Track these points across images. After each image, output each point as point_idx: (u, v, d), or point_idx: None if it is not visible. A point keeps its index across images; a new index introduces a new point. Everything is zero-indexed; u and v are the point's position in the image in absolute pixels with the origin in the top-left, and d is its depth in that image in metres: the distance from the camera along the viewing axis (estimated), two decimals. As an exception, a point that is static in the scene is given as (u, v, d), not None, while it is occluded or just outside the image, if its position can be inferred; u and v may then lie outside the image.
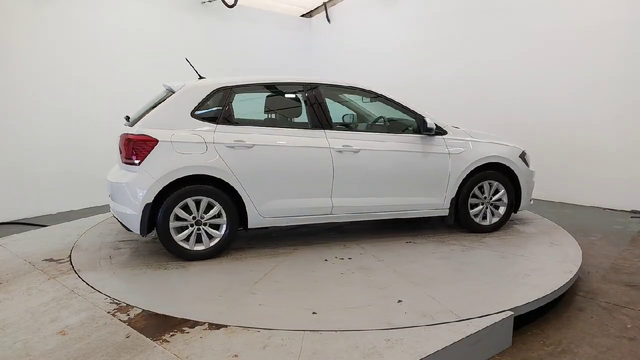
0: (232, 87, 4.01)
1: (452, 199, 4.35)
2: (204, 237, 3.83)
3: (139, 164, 3.71)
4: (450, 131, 4.38)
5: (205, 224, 3.83)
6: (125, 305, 3.05)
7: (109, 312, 2.95)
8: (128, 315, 2.91)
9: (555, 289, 3.20)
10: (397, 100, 4.33)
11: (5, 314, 2.99)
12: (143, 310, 2.97)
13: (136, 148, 3.72)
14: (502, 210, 4.52)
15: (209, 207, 3.82)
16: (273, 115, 4.36)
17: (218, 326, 2.75)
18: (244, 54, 8.16)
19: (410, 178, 4.26)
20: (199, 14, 7.62)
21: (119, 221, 4.01)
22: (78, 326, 2.79)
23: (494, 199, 4.47)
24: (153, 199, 3.67)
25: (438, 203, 4.34)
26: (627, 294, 3.58)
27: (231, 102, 3.98)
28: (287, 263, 3.81)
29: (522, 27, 6.67)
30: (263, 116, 4.31)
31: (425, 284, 3.32)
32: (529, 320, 3.11)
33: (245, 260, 3.90)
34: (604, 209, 6.14)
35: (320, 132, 4.06)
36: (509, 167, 4.44)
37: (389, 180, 4.21)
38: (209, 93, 3.94)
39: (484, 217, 4.49)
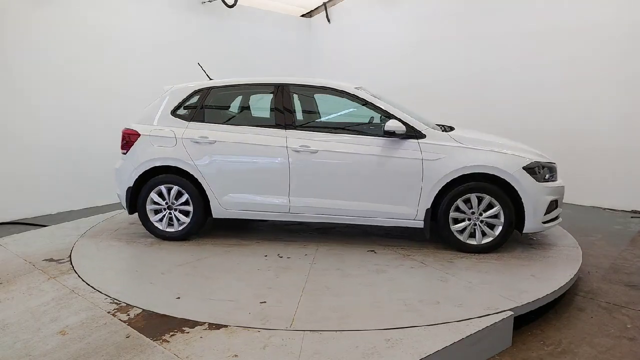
0: (208, 88, 4.43)
1: (428, 210, 3.92)
2: (175, 221, 4.34)
3: (126, 153, 4.41)
4: (430, 135, 3.94)
5: (175, 209, 4.34)
6: (125, 305, 3.06)
7: (109, 312, 2.95)
8: (128, 315, 2.92)
9: (555, 289, 3.20)
10: (369, 100, 4.10)
11: (6, 314, 2.99)
12: (143, 310, 2.98)
13: (125, 140, 4.42)
14: (498, 229, 3.87)
15: (181, 195, 4.32)
16: (242, 114, 4.62)
17: (218, 326, 2.75)
18: (244, 54, 8.15)
19: (373, 183, 3.98)
20: (199, 14, 7.62)
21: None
22: (78, 326, 2.79)
23: (485, 215, 3.86)
24: (133, 183, 4.33)
25: (409, 213, 3.96)
26: (627, 294, 3.58)
27: (205, 102, 4.40)
28: (231, 253, 4.05)
29: (522, 27, 6.67)
30: (232, 115, 4.58)
31: (313, 291, 3.23)
32: (529, 320, 3.11)
33: (203, 245, 4.26)
34: (604, 209, 6.14)
35: (281, 131, 4.15)
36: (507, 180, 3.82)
37: (349, 183, 4.02)
38: (188, 94, 4.43)
39: (473, 235, 3.93)
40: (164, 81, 7.00)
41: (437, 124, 4.51)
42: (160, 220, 4.36)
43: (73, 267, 3.74)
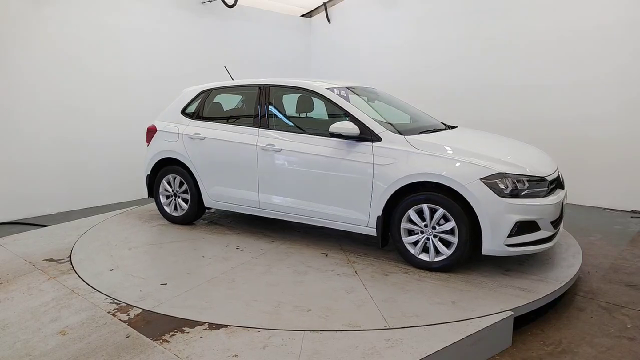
0: (210, 90, 4.85)
1: (379, 218, 3.70)
2: (178, 207, 4.91)
3: (148, 146, 5.03)
4: (386, 138, 3.71)
5: (178, 197, 4.90)
6: (125, 305, 3.06)
7: (109, 312, 2.95)
8: (128, 315, 2.92)
9: (555, 289, 3.20)
10: (334, 100, 4.04)
11: (6, 314, 2.99)
12: (143, 310, 2.98)
13: (147, 134, 5.04)
14: (453, 247, 3.45)
15: (183, 184, 4.84)
16: (230, 113, 4.86)
17: (218, 326, 2.76)
18: (244, 54, 8.15)
19: (328, 184, 3.92)
20: (199, 14, 7.61)
21: None
22: (78, 326, 2.79)
23: (439, 229, 3.48)
24: (150, 171, 4.99)
25: (361, 219, 3.80)
26: (627, 294, 3.58)
27: (205, 102, 4.83)
28: (204, 240, 4.42)
29: (522, 27, 6.67)
30: (225, 114, 4.87)
31: (215, 282, 3.43)
32: (529, 320, 3.11)
33: (193, 231, 4.74)
34: (604, 209, 6.14)
35: (255, 130, 4.37)
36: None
37: (306, 183, 4.04)
38: (195, 95, 4.91)
39: (426, 250, 3.59)
40: (164, 81, 7.07)
41: (442, 123, 4.53)
42: (169, 204, 4.96)
43: (73, 267, 3.74)
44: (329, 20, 9.16)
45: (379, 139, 3.74)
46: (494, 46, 6.97)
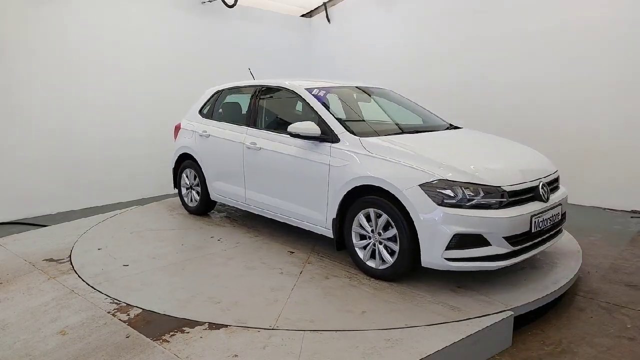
0: (221, 90, 5.17)
1: (334, 220, 3.65)
2: (193, 199, 5.31)
3: (175, 141, 5.45)
4: (343, 140, 3.64)
5: (193, 190, 5.28)
6: (125, 305, 3.06)
7: (109, 312, 2.95)
8: (128, 315, 2.92)
9: (555, 289, 3.20)
10: (308, 100, 4.04)
11: (6, 314, 3.00)
12: (143, 310, 2.98)
13: (175, 131, 5.50)
14: (395, 256, 3.28)
15: (197, 178, 5.18)
16: (231, 113, 5.06)
17: (218, 326, 2.76)
18: (244, 54, 8.13)
19: (294, 184, 3.98)
20: (199, 14, 7.61)
21: None
22: (78, 326, 2.79)
23: (383, 235, 3.34)
24: (174, 164, 5.43)
25: (320, 220, 3.79)
26: (627, 294, 3.57)
27: (216, 102, 5.15)
28: (201, 230, 4.72)
29: (522, 27, 6.66)
30: (227, 113, 5.09)
31: (168, 269, 3.67)
32: (529, 320, 3.11)
33: (199, 221, 5.09)
34: (604, 209, 6.14)
35: (244, 129, 4.57)
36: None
37: (280, 182, 4.14)
38: (211, 95, 5.25)
39: (373, 256, 3.45)
40: (164, 81, 7.07)
41: (449, 123, 4.51)
42: (187, 196, 5.37)
43: (73, 267, 3.74)
44: (329, 20, 9.16)
45: (337, 140, 3.69)
46: (495, 45, 6.96)
